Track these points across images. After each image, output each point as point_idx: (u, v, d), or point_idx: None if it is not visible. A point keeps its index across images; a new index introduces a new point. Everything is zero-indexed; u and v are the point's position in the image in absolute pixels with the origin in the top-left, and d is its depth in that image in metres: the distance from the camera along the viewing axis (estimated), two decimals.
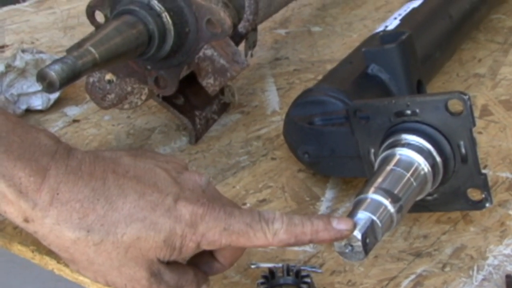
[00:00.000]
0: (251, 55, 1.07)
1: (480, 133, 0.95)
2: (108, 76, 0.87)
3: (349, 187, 0.87)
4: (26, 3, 1.44)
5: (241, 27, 0.98)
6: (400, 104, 0.75)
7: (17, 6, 1.42)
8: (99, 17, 0.86)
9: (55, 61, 0.68)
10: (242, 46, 1.01)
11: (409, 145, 0.73)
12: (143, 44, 0.78)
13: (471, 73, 1.09)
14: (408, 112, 0.75)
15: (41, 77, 0.67)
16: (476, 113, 0.99)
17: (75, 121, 1.04)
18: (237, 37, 0.98)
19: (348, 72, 0.90)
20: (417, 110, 0.74)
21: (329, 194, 0.86)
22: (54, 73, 0.67)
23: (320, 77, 1.10)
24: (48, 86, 0.67)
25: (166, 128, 1.01)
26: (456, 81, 1.07)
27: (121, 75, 0.86)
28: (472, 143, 0.74)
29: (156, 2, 0.79)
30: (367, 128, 0.77)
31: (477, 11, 1.13)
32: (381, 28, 1.00)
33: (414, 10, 1.04)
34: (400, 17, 1.02)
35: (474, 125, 0.73)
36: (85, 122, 1.03)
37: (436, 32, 1.03)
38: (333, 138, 0.82)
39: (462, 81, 1.07)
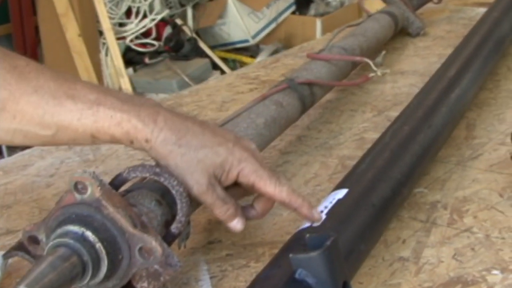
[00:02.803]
0: (184, 246, 1.11)
1: None
2: None
3: None
4: None
5: (174, 228, 1.02)
6: None
7: None
8: None
9: None
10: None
11: None
12: (78, 276, 0.81)
13: (395, 257, 1.14)
14: None
15: None
16: None
17: None
18: (169, 237, 1.02)
19: (277, 277, 0.94)
20: None
21: None
22: None
23: (251, 263, 1.14)
24: None
25: None
26: (382, 266, 1.12)
27: None
28: None
29: (90, 233, 0.83)
30: None
31: (400, 195, 1.19)
32: (307, 224, 1.05)
33: (339, 202, 1.09)
34: (326, 211, 1.07)
35: None
36: None
37: (360, 223, 1.08)
38: None
39: (387, 266, 1.12)
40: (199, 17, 4.52)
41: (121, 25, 4.25)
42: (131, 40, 4.22)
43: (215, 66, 4.41)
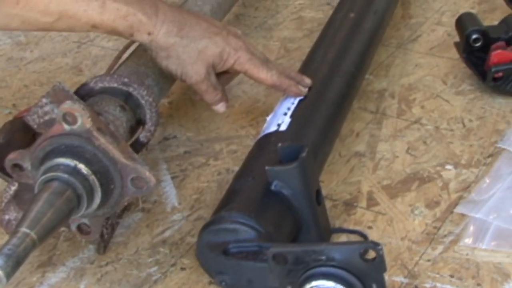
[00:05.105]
0: (146, 149, 1.10)
1: (370, 228, 1.03)
2: None
3: None
4: None
5: (143, 137, 1.01)
6: (317, 252, 0.81)
7: None
8: None
9: None
10: None
11: None
12: (73, 209, 0.80)
13: (352, 151, 1.16)
14: (324, 257, 0.81)
15: None
16: (363, 203, 1.07)
17: None
18: (138, 146, 1.01)
19: (253, 190, 0.95)
20: (334, 256, 0.81)
21: None
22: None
23: (210, 161, 1.15)
24: None
25: (71, 234, 1.02)
26: (340, 162, 1.14)
27: None
28: (383, 284, 0.81)
29: (82, 166, 0.82)
30: (285, 270, 0.84)
31: (354, 88, 1.20)
32: (273, 127, 1.05)
33: (300, 103, 1.09)
34: (290, 112, 1.07)
35: (386, 270, 0.81)
36: None
37: (323, 124, 1.09)
38: (250, 271, 0.88)
39: (345, 162, 1.14)
40: None
41: None
42: None
43: None
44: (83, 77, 1.37)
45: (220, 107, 1.11)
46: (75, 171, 0.82)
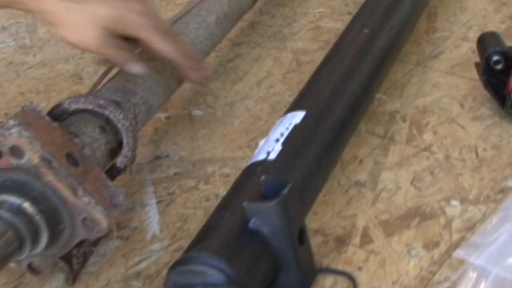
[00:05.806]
0: (130, 171, 1.04)
1: (360, 269, 0.95)
2: None
3: None
4: None
5: (119, 162, 0.95)
6: None
7: None
8: None
9: None
10: None
11: None
12: (14, 252, 0.75)
13: (352, 181, 1.09)
14: None
15: None
16: (357, 240, 0.99)
17: None
18: (115, 171, 0.95)
19: (228, 227, 0.88)
20: None
21: None
22: None
23: (200, 185, 1.09)
24: None
25: None
26: (337, 192, 1.07)
27: None
28: None
29: (28, 204, 0.76)
30: None
31: (358, 113, 1.13)
32: (262, 155, 0.98)
33: (295, 129, 1.02)
34: (282, 139, 1.00)
35: None
36: None
37: (318, 154, 1.01)
38: None
39: (343, 193, 1.07)
40: None
41: None
42: None
43: None
44: (82, 86, 1.31)
45: (134, 67, 1.01)
46: (19, 211, 0.76)
